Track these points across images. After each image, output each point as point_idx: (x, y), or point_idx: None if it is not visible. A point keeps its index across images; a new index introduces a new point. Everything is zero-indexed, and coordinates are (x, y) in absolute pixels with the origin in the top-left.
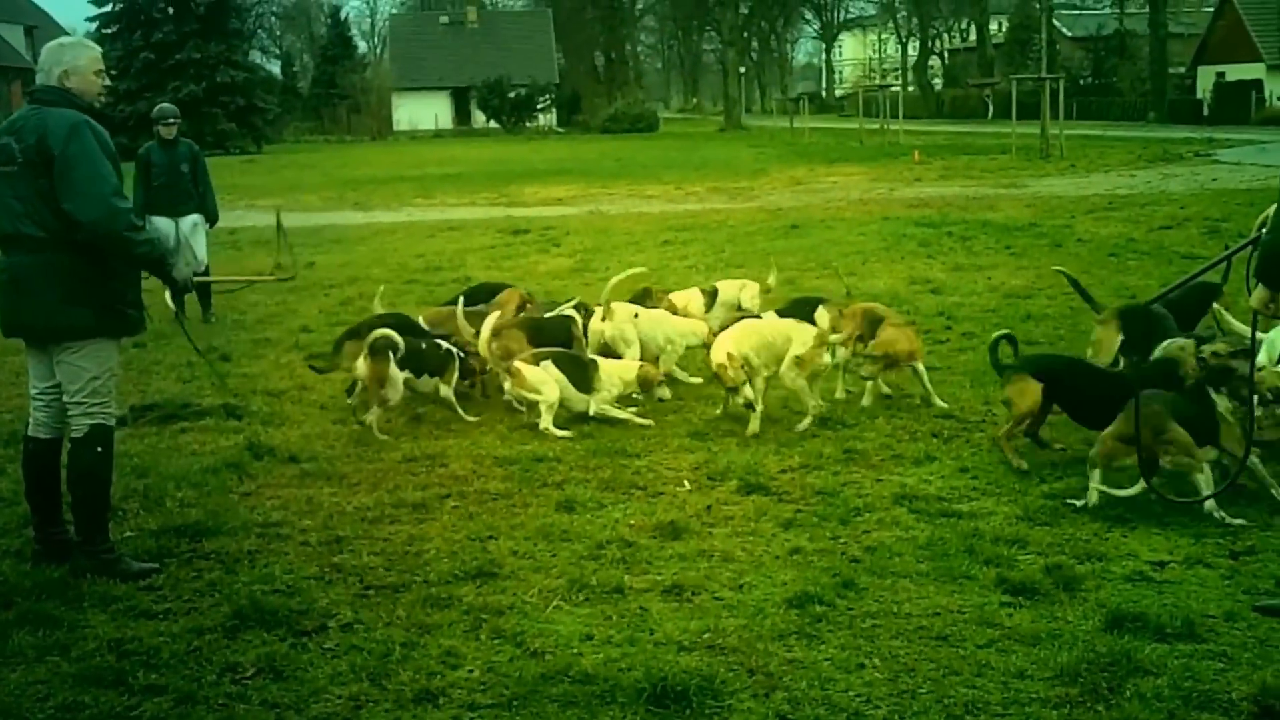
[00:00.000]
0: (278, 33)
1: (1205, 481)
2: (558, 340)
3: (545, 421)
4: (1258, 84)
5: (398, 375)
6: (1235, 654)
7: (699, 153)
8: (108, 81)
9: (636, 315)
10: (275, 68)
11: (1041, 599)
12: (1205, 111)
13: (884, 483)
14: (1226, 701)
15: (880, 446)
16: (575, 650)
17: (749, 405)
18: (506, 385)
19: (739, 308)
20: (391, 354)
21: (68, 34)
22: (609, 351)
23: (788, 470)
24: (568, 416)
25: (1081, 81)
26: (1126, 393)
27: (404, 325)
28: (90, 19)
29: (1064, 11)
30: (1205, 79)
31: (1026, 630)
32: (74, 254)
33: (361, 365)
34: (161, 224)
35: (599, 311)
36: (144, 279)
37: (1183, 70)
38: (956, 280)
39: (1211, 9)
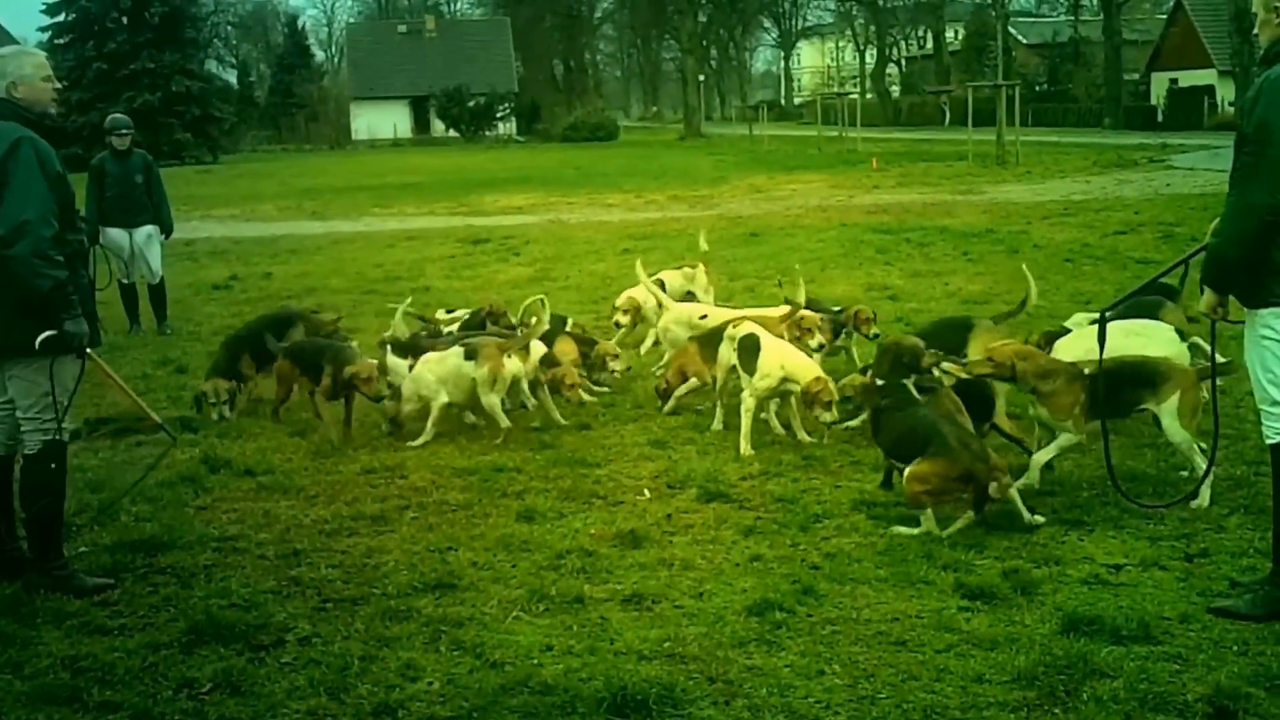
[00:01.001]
0: (234, 42)
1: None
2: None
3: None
4: (1210, 90)
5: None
6: (1190, 655)
7: (659, 161)
8: (58, 86)
9: (704, 316)
10: (232, 77)
11: (999, 603)
12: (1159, 118)
13: (843, 489)
14: (1181, 703)
15: (839, 453)
16: (535, 661)
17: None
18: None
19: (687, 296)
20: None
21: (18, 44)
22: None
23: (748, 478)
24: (526, 427)
25: (1037, 88)
26: None
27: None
28: (43, 29)
29: (1019, 19)
30: (1159, 85)
31: (984, 634)
32: None
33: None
34: (116, 235)
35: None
36: (99, 289)
37: (1137, 77)
38: (914, 286)
39: (1164, 16)
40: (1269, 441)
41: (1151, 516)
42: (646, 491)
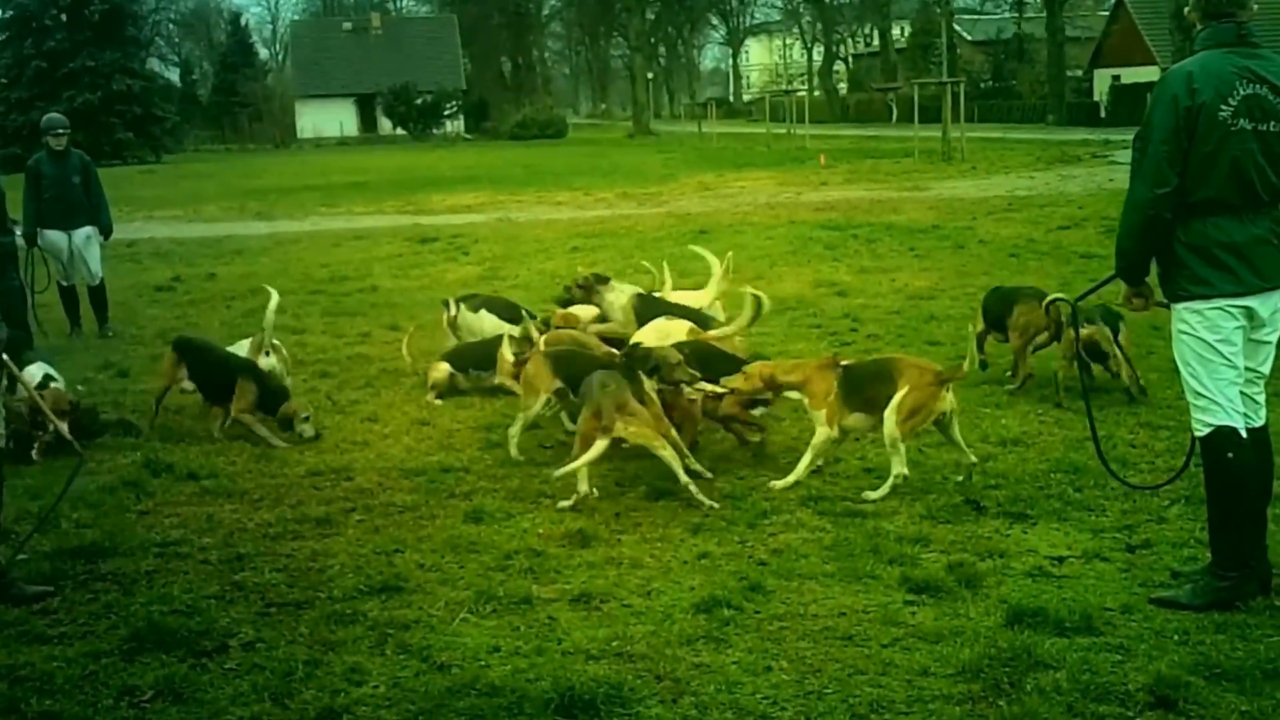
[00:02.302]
0: (176, 40)
1: (671, 458)
2: None
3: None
4: (1152, 86)
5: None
6: (1132, 645)
7: (608, 159)
8: None
9: None
10: (174, 75)
11: (944, 596)
12: (1102, 114)
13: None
14: (1123, 693)
15: (785, 449)
16: (482, 662)
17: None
18: None
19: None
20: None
21: None
22: None
23: (696, 475)
24: (473, 426)
25: (982, 85)
26: None
27: None
28: None
29: (964, 16)
30: (1101, 82)
31: (930, 628)
32: None
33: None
34: (54, 237)
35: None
36: (39, 292)
37: (1080, 73)
38: (862, 282)
39: (1107, 13)
40: (1195, 434)
41: (1094, 508)
42: (595, 490)
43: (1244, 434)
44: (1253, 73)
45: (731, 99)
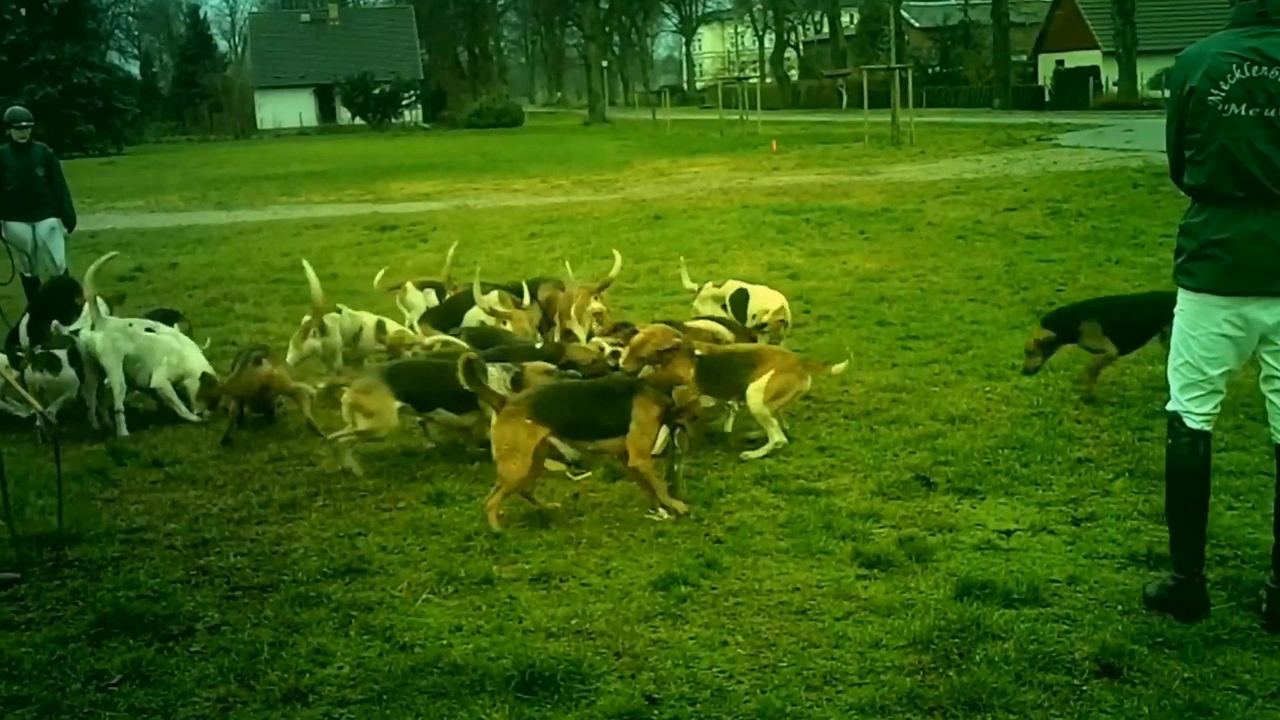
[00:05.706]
0: (135, 32)
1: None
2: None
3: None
4: (1095, 71)
5: None
6: (1078, 616)
7: (563, 146)
8: None
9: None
10: (134, 68)
11: (895, 570)
12: (1046, 98)
13: (745, 464)
14: (1070, 662)
15: (740, 429)
16: (444, 642)
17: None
18: None
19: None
20: None
21: None
22: None
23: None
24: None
25: (930, 71)
26: None
27: None
28: None
29: (911, 3)
30: (1046, 66)
31: (881, 601)
32: None
33: None
34: (18, 228)
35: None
36: (1, 284)
37: (1025, 58)
38: (814, 265)
39: None
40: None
41: (1041, 483)
42: (576, 474)
43: (1191, 428)
44: (1260, 54)
45: (685, 86)
